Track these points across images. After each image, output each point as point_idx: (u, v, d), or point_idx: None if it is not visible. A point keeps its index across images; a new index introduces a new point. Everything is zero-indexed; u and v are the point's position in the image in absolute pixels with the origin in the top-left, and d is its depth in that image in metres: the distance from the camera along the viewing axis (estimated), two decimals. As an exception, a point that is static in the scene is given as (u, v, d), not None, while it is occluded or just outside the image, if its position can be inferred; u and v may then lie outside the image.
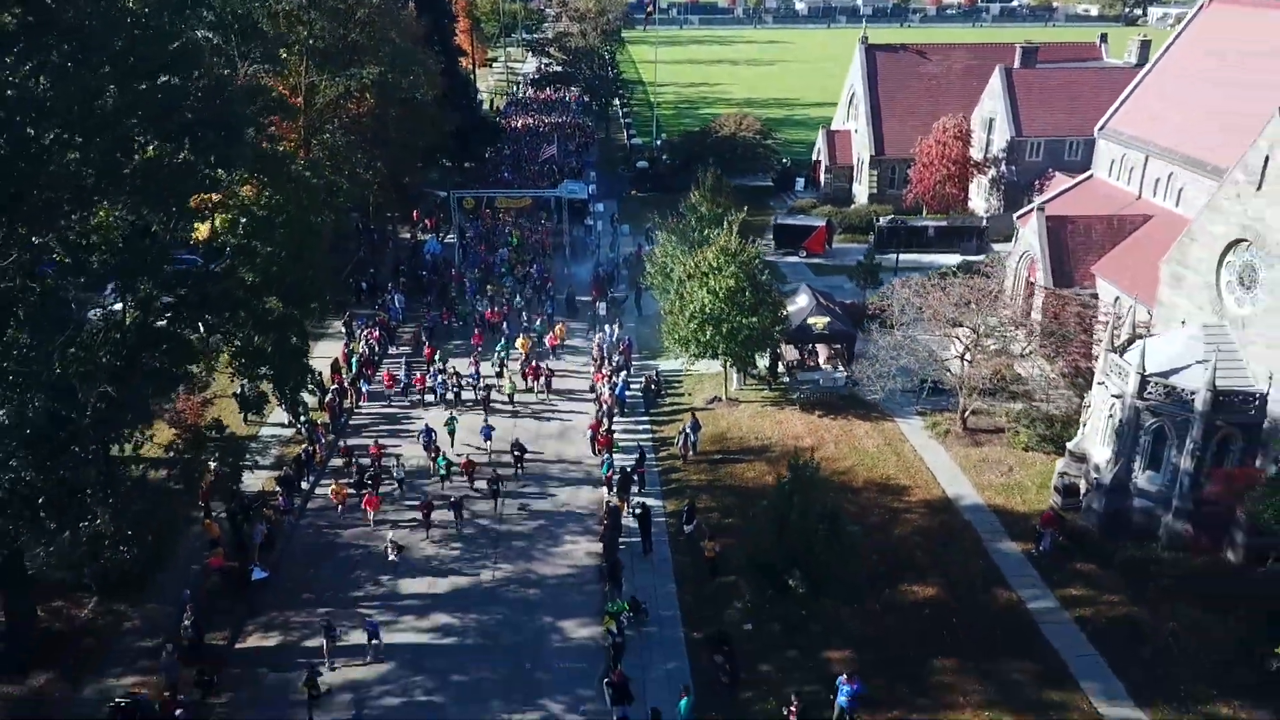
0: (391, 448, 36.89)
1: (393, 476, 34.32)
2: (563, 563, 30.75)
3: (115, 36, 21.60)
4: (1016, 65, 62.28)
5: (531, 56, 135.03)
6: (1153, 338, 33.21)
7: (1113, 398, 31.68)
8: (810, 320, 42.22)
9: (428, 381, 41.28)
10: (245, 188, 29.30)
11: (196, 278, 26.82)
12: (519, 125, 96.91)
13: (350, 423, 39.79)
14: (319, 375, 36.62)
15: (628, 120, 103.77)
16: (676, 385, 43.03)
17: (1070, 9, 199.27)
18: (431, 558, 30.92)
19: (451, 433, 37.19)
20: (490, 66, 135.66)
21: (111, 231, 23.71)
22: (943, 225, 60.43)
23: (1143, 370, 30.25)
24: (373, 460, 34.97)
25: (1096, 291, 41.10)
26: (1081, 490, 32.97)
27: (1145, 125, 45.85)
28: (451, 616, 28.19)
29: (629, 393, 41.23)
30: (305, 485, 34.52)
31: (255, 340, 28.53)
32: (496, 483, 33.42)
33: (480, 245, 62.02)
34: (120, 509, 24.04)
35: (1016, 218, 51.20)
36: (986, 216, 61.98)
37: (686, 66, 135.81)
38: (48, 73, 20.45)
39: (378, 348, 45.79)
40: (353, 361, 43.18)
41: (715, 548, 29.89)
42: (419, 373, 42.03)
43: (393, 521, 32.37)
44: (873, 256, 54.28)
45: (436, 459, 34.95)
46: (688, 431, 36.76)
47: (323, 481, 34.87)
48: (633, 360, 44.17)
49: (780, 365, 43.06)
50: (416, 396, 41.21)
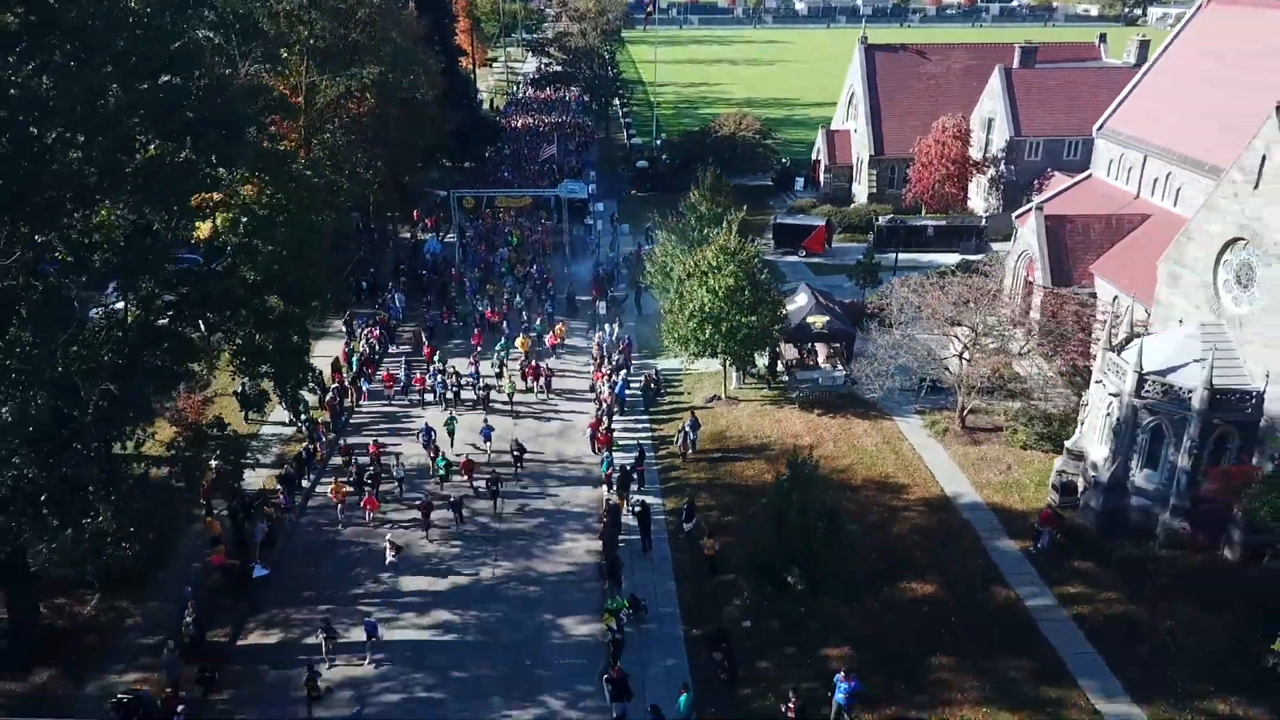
0: (392, 446, 37.04)
1: (393, 476, 34.42)
2: (563, 560, 30.87)
3: (117, 36, 21.70)
4: (1015, 65, 62.41)
5: (531, 56, 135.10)
6: (1150, 336, 33.26)
7: (1110, 396, 31.78)
8: (809, 319, 42.31)
9: (427, 381, 41.41)
10: (246, 187, 29.43)
11: (198, 276, 26.89)
12: (519, 125, 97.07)
13: (351, 421, 39.93)
14: (319, 374, 36.72)
15: (628, 120, 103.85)
16: (676, 384, 43.16)
17: (1070, 9, 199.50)
18: (431, 555, 31.03)
19: (451, 433, 37.25)
20: (490, 66, 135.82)
21: (113, 230, 23.77)
22: (942, 225, 60.53)
23: (1140, 369, 30.35)
24: (372, 459, 35.09)
25: (1095, 290, 41.17)
26: (1079, 488, 33.08)
27: (1143, 125, 45.94)
28: (452, 613, 28.30)
29: (629, 391, 41.36)
30: (306, 483, 34.65)
31: (256, 338, 28.61)
32: (496, 483, 33.51)
33: (480, 245, 62.11)
34: (122, 506, 24.09)
35: (1015, 217, 51.25)
36: (985, 216, 62.09)
37: (686, 66, 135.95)
38: (50, 72, 20.52)
39: (378, 346, 45.93)
40: (353, 360, 43.30)
41: (714, 545, 29.99)
42: (419, 373, 42.14)
43: (392, 522, 32.47)
44: (872, 256, 54.38)
45: (436, 459, 35.04)
46: (687, 430, 36.87)
47: (323, 480, 34.98)
48: (632, 359, 44.28)
49: (779, 364, 43.16)
50: (416, 396, 41.35)
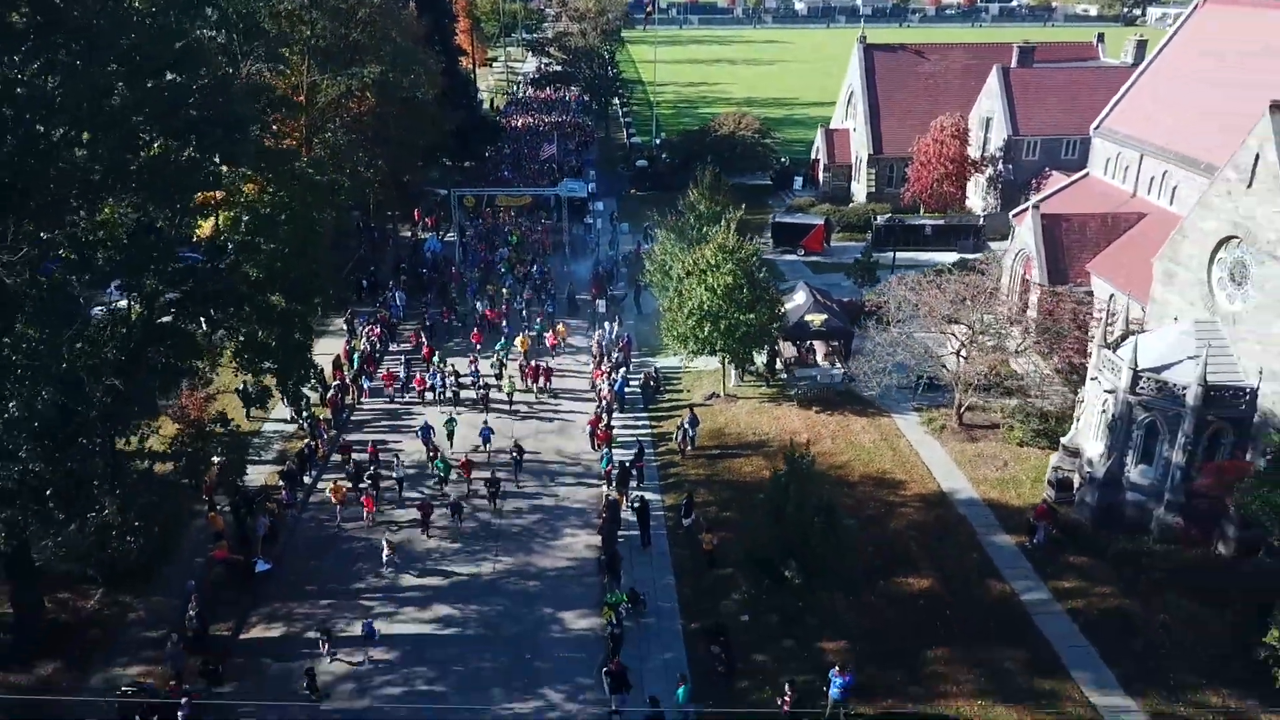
0: (392, 444, 37.23)
1: (393, 475, 34.50)
2: (562, 555, 31.11)
3: (122, 35, 21.91)
4: (1014, 65, 62.65)
5: (531, 56, 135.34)
6: (1145, 334, 33.46)
7: (1106, 393, 32.01)
8: (808, 317, 42.55)
9: (427, 381, 41.55)
10: (249, 185, 29.66)
11: (201, 273, 27.05)
12: (519, 124, 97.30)
13: (352, 419, 40.15)
14: (321, 371, 36.94)
15: (627, 119, 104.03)
16: (675, 381, 43.39)
17: (1069, 9, 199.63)
18: (432, 551, 31.25)
19: (450, 433, 37.29)
20: (490, 66, 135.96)
21: (117, 228, 23.99)
22: (940, 223, 60.68)
23: (1135, 366, 30.57)
24: (370, 458, 35.13)
25: (1091, 288, 41.40)
26: (1075, 484, 33.33)
27: (1140, 124, 46.17)
28: (452, 608, 28.55)
29: (628, 389, 41.60)
30: (307, 480, 34.87)
31: (259, 335, 28.80)
32: (495, 484, 33.52)
33: (480, 244, 62.30)
34: (127, 501, 24.35)
35: (1013, 216, 51.49)
36: (983, 215, 62.30)
37: (686, 66, 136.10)
38: (56, 71, 20.80)
39: (379, 344, 46.16)
40: (354, 358, 43.51)
41: (713, 540, 30.22)
42: (418, 373, 42.32)
43: (391, 522, 32.53)
44: (870, 254, 54.64)
45: (435, 460, 35.14)
46: (686, 427, 37.09)
47: (325, 476, 35.20)
48: (632, 357, 44.50)
49: (778, 362, 43.37)
50: (415, 396, 41.51)
